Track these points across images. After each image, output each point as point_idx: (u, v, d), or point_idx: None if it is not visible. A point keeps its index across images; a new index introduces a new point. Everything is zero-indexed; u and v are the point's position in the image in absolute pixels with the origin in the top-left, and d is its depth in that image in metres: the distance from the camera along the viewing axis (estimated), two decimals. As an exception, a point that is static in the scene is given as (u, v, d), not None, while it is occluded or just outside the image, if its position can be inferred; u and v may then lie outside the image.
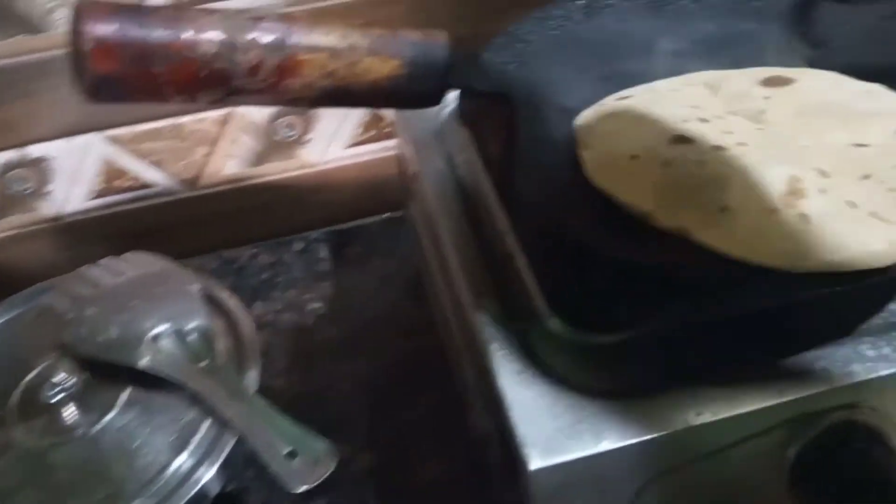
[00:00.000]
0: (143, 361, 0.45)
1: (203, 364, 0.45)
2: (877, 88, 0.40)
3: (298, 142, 0.61)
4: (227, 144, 0.59)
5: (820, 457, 0.36)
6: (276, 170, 0.62)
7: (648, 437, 0.34)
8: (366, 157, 0.63)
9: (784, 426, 0.35)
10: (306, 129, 0.60)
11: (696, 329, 0.37)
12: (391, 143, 0.62)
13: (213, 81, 0.29)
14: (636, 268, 0.34)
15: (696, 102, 0.41)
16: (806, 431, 0.36)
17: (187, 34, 0.28)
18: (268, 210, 0.63)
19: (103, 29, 0.28)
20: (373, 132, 0.62)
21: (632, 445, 0.34)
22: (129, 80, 0.28)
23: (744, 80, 0.42)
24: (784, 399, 0.34)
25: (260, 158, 0.61)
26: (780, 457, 0.37)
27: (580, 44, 0.48)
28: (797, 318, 0.37)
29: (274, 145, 0.60)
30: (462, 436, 0.48)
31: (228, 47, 0.29)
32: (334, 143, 0.62)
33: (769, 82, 0.41)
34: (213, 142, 0.58)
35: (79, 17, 0.28)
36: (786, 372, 0.35)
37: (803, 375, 0.35)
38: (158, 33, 0.28)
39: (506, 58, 0.46)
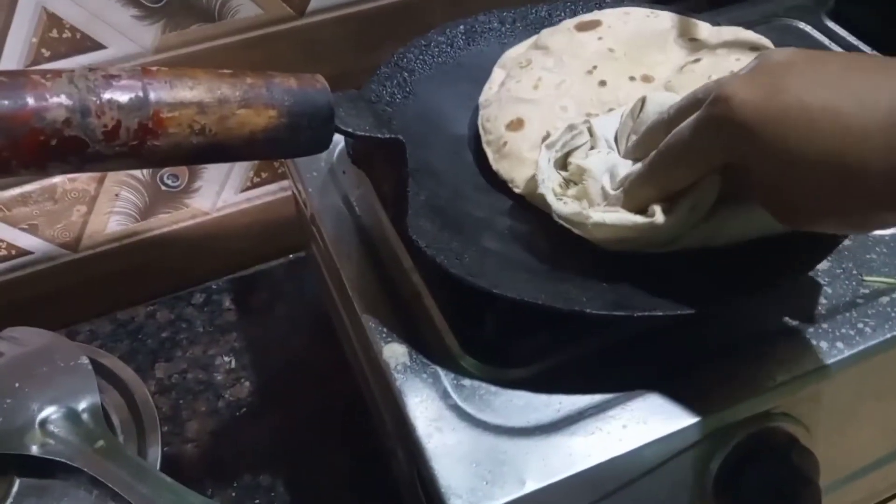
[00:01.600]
0: (34, 449, 0.42)
1: (99, 444, 0.42)
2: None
3: (186, 191, 0.58)
4: (107, 201, 0.55)
5: (741, 466, 0.36)
6: (166, 222, 0.58)
7: (572, 472, 0.33)
8: (261, 200, 0.61)
9: (704, 441, 0.35)
10: (193, 176, 0.57)
11: (603, 355, 0.36)
12: (286, 183, 0.60)
13: (65, 151, 0.27)
14: (534, 308, 0.33)
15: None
16: (725, 443, 0.36)
17: (30, 102, 0.26)
18: (161, 265, 0.60)
19: (-70, 104, 0.25)
20: (266, 174, 0.60)
21: (556, 483, 0.33)
22: (-35, 160, 0.25)
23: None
24: (701, 416, 0.34)
25: (146, 212, 0.57)
26: (704, 470, 0.36)
27: (463, 69, 0.47)
28: (703, 329, 0.37)
29: (160, 196, 0.57)
30: (391, 483, 0.46)
31: (80, 112, 0.27)
32: (226, 188, 0.59)
33: (581, 27, 0.47)
34: (91, 200, 0.55)
35: None
36: (700, 387, 0.35)
37: (717, 389, 0.35)
38: (-4, 104, 0.25)
39: (391, 89, 0.45)
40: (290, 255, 0.63)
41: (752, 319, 0.37)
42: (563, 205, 0.36)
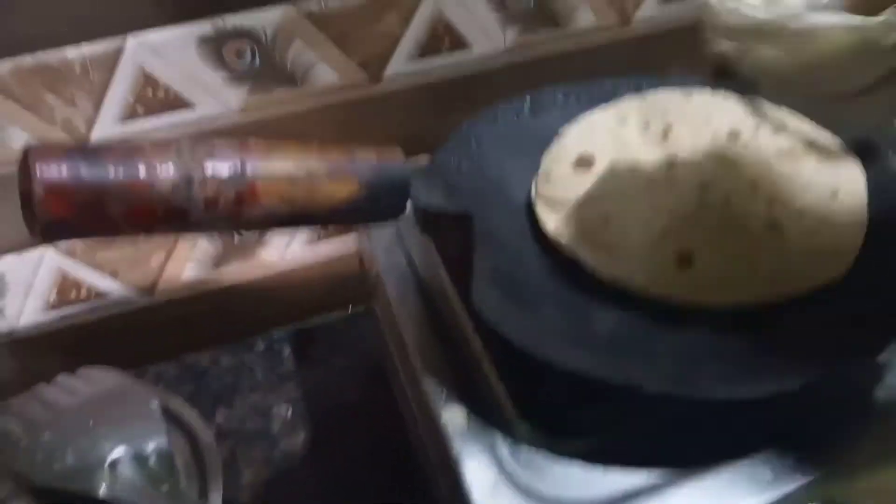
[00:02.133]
0: (102, 490, 0.43)
1: (164, 488, 0.44)
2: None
3: (258, 243, 0.60)
4: (185, 250, 0.58)
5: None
6: (236, 272, 0.61)
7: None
8: (327, 254, 0.63)
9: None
10: (265, 230, 0.60)
11: (663, 432, 0.37)
12: (351, 238, 0.62)
13: (170, 218, 0.29)
14: (595, 380, 0.34)
15: None
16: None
17: (143, 174, 0.28)
18: (228, 312, 0.62)
19: (55, 173, 0.27)
20: (333, 228, 0.62)
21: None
22: (82, 224, 0.28)
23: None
24: (761, 499, 0.34)
25: (219, 261, 0.60)
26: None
27: (528, 140, 0.49)
28: (766, 409, 0.37)
29: (233, 248, 0.60)
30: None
31: (185, 183, 0.29)
32: (294, 241, 0.62)
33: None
34: (170, 248, 0.58)
35: (29, 160, 0.27)
36: (763, 469, 0.35)
37: (777, 471, 0.35)
38: (112, 175, 0.28)
39: (459, 157, 0.47)
40: (351, 309, 0.64)
41: (823, 403, 0.37)
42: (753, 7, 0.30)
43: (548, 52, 0.60)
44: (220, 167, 0.30)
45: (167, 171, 0.28)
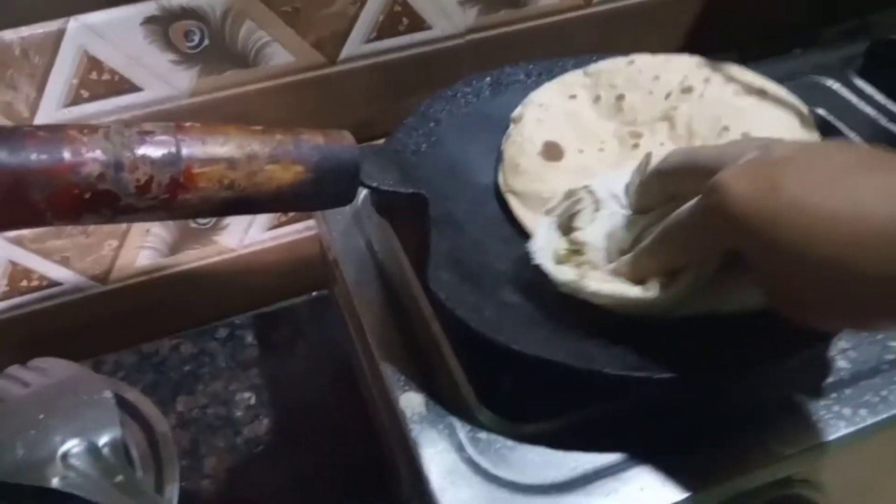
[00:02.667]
0: (55, 482, 0.42)
1: (118, 479, 0.43)
2: None
3: (215, 228, 0.59)
4: (138, 236, 0.56)
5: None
6: (194, 258, 0.60)
7: (585, 534, 0.33)
8: (287, 239, 0.62)
9: (724, 504, 0.35)
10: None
11: (622, 415, 0.36)
12: (312, 222, 0.61)
13: (98, 204, 0.27)
14: (552, 365, 0.33)
15: None
16: (745, 509, 0.35)
17: (67, 156, 0.27)
18: (187, 299, 0.61)
19: (-29, 158, 0.26)
20: (292, 213, 0.61)
21: (568, 544, 0.33)
22: (3, 211, 0.26)
23: None
24: (720, 481, 0.34)
25: (175, 248, 0.58)
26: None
27: (489, 120, 0.48)
28: (726, 394, 0.37)
29: (189, 233, 0.58)
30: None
31: (114, 166, 0.27)
32: (253, 226, 0.60)
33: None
34: (123, 234, 0.56)
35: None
36: (720, 452, 0.35)
37: (737, 454, 0.35)
38: (35, 158, 0.26)
39: (417, 138, 0.46)
40: (314, 293, 0.63)
41: (775, 384, 0.37)
42: (561, 273, 0.36)
43: (509, 32, 0.58)
44: (152, 150, 0.28)
45: (94, 155, 0.27)
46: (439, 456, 0.36)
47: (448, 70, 0.57)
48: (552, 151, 0.45)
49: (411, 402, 0.38)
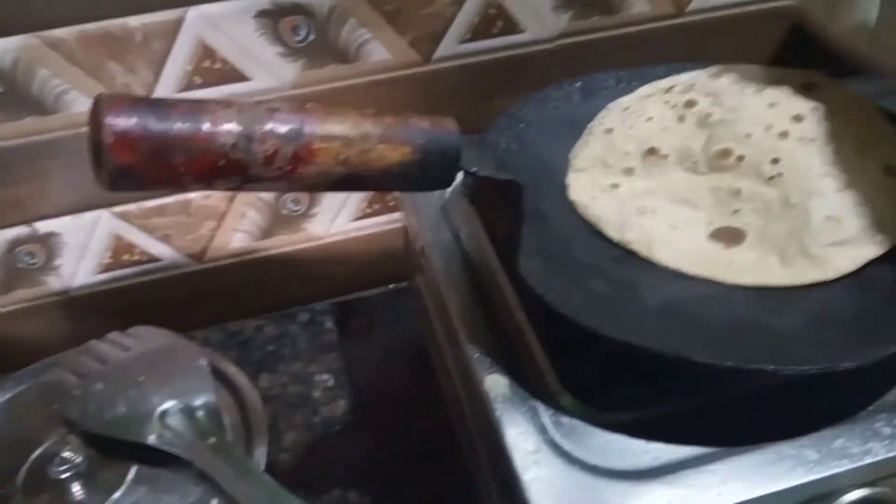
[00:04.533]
0: (151, 438, 0.44)
1: (211, 441, 0.45)
2: None
3: (304, 215, 0.62)
4: (234, 219, 0.60)
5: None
6: (282, 243, 0.62)
7: (665, 520, 0.34)
8: (370, 230, 0.64)
9: (804, 504, 0.35)
10: (312, 203, 0.61)
11: (707, 409, 0.37)
12: (396, 216, 0.63)
13: (230, 171, 0.30)
14: (639, 352, 0.34)
15: None
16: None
17: (206, 126, 0.29)
18: (273, 282, 0.64)
19: (123, 122, 0.28)
20: (378, 205, 0.63)
21: (648, 529, 0.33)
22: (147, 172, 0.29)
23: None
24: (801, 480, 0.34)
25: (266, 232, 0.61)
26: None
27: (577, 124, 0.49)
28: (812, 393, 0.37)
29: (280, 219, 0.61)
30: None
31: (245, 138, 0.30)
32: (340, 216, 0.63)
33: None
34: (220, 217, 0.59)
35: (99, 109, 0.29)
36: (802, 452, 0.35)
37: (820, 455, 0.35)
38: (178, 126, 0.29)
39: (508, 138, 0.48)
40: (390, 286, 0.65)
41: (873, 384, 0.37)
42: None
43: (600, 38, 0.60)
44: (279, 125, 0.31)
45: (229, 126, 0.30)
46: (522, 436, 0.37)
47: (537, 74, 0.58)
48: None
49: (496, 383, 0.39)
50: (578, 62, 0.59)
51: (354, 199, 0.62)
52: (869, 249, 0.39)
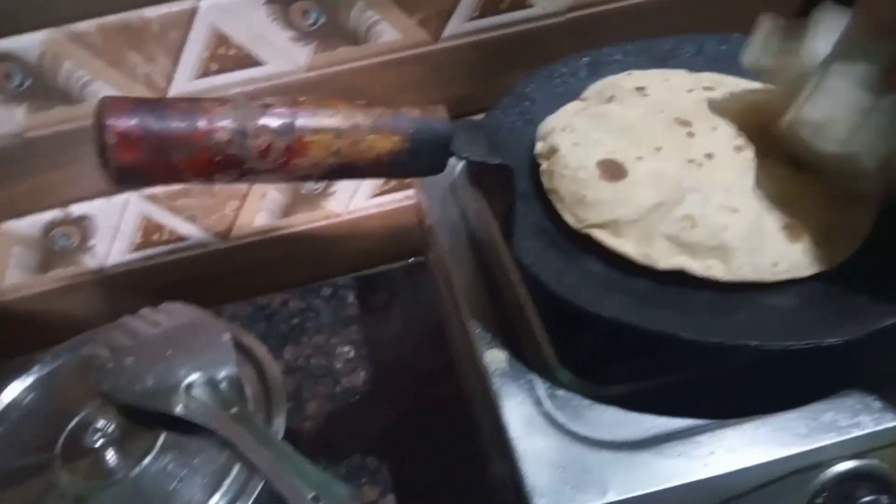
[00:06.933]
0: (178, 409, 0.47)
1: (233, 411, 0.47)
2: None
3: (324, 194, 0.63)
4: (256, 199, 0.62)
5: (836, 500, 0.37)
6: (303, 220, 0.65)
7: (654, 489, 0.35)
8: (388, 206, 0.66)
9: (792, 475, 0.36)
10: (331, 182, 0.63)
11: (698, 383, 0.38)
12: (412, 192, 0.64)
13: (227, 165, 0.32)
14: (630, 330, 0.35)
15: None
16: (814, 481, 0.36)
17: (202, 124, 0.31)
18: (296, 258, 0.66)
19: (125, 123, 0.30)
20: (394, 182, 0.65)
21: (636, 498, 0.35)
22: (150, 169, 0.31)
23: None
24: (788, 452, 0.35)
25: (287, 210, 0.63)
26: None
27: (584, 100, 0.49)
28: (805, 367, 0.38)
29: (300, 198, 0.63)
30: (482, 483, 0.49)
31: (240, 134, 0.32)
32: (358, 193, 0.64)
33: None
34: (243, 197, 0.62)
35: (102, 112, 0.31)
36: (791, 424, 0.36)
37: (811, 426, 0.36)
38: (176, 125, 0.31)
39: (513, 116, 0.48)
40: (410, 259, 0.67)
41: (862, 361, 0.38)
42: None
43: (610, 10, 0.59)
44: (272, 121, 0.32)
45: (224, 123, 0.31)
46: (518, 408, 0.38)
47: (547, 48, 0.59)
48: (613, 170, 0.41)
49: (495, 357, 0.41)
50: (589, 36, 0.59)
51: (371, 177, 0.64)
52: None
